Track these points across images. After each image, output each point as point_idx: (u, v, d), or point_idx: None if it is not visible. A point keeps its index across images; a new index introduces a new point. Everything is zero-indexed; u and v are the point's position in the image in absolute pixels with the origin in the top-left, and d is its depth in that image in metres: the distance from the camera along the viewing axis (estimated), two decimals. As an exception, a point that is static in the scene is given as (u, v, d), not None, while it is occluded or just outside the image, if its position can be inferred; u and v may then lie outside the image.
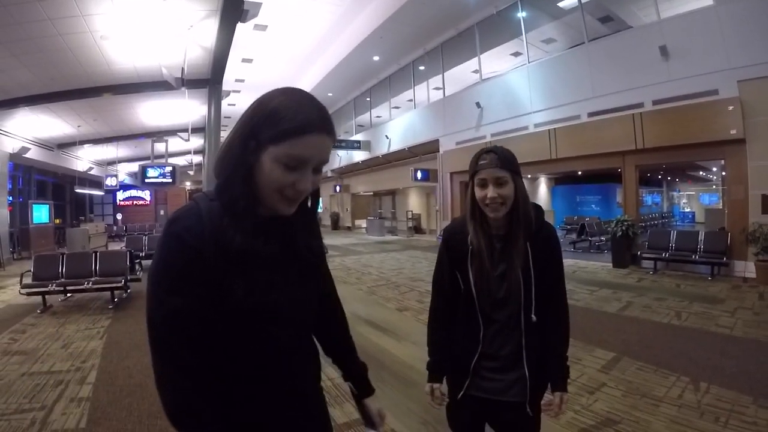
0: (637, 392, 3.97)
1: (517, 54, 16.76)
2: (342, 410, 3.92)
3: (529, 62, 14.57)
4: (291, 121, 1.04)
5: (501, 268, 1.85)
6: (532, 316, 1.84)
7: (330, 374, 3.72)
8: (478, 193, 1.83)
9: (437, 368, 2.00)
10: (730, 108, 9.36)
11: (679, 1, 11.55)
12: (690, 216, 29.31)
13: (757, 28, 9.03)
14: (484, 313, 1.88)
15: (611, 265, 11.33)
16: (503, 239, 1.87)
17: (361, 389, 1.52)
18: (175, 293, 1.04)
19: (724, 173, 11.12)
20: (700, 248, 9.77)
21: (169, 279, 1.05)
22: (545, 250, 1.88)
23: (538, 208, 1.95)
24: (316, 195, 1.28)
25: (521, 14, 14.52)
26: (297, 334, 1.26)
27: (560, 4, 13.95)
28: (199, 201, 1.12)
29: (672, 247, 10.23)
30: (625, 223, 11.08)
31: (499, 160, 1.79)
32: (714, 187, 27.18)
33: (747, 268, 9.28)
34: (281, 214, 1.14)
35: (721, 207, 17.11)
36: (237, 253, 1.07)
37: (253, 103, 1.14)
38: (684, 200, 31.79)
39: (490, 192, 1.78)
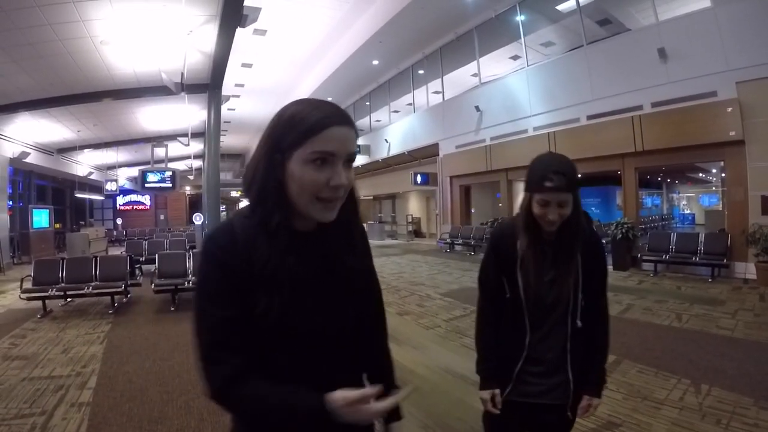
0: (638, 395, 3.97)
1: (516, 57, 16.77)
2: None
3: (528, 65, 14.60)
4: (309, 121, 1.06)
5: (551, 274, 1.84)
6: (578, 321, 1.86)
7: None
8: (537, 209, 1.78)
9: (492, 373, 1.97)
10: (729, 109, 9.37)
11: (677, 3, 11.57)
12: (690, 218, 29.29)
13: (755, 29, 9.05)
14: (532, 318, 1.89)
15: (611, 267, 11.28)
16: (553, 246, 1.86)
17: (391, 413, 1.38)
18: (214, 305, 1.08)
19: (723, 175, 11.14)
20: (701, 250, 9.76)
21: (208, 292, 1.10)
22: (592, 258, 1.89)
23: (586, 216, 1.94)
24: (354, 207, 1.25)
25: (520, 18, 14.54)
26: (331, 356, 1.22)
27: (559, 8, 13.97)
28: (233, 219, 1.15)
29: (672, 249, 10.22)
30: (625, 226, 11.07)
31: (567, 184, 1.71)
32: (714, 188, 27.17)
33: (747, 270, 9.28)
34: (323, 222, 1.13)
35: (721, 208, 17.10)
36: (267, 271, 1.08)
37: (272, 119, 1.16)
38: (684, 202, 31.76)
39: (551, 214, 1.73)
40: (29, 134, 17.36)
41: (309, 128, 1.05)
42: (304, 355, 1.16)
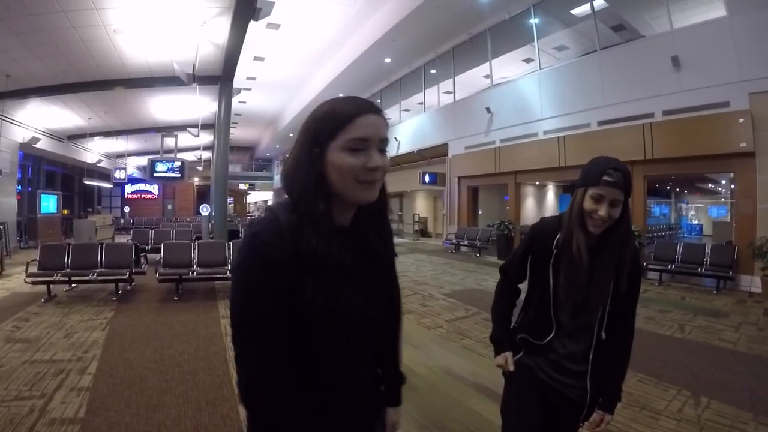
0: (636, 404, 3.95)
1: (528, 60, 16.73)
2: None
3: (540, 69, 14.54)
4: (341, 113, 1.16)
5: (584, 278, 1.84)
6: (603, 333, 1.88)
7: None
8: (589, 204, 1.80)
9: (506, 340, 2.05)
10: (741, 120, 9.30)
11: (692, 11, 11.51)
12: (698, 228, 29.14)
13: (771, 40, 8.98)
14: (558, 317, 1.92)
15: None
16: (594, 251, 1.86)
17: (390, 397, 1.55)
18: (252, 300, 1.14)
19: (733, 186, 11.06)
20: (707, 261, 9.69)
21: (247, 287, 1.15)
22: (628, 270, 1.88)
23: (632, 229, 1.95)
24: (384, 203, 1.34)
25: (534, 20, 14.48)
26: (367, 338, 1.34)
27: (573, 12, 13.92)
28: (278, 213, 1.19)
29: (678, 259, 10.15)
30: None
31: (624, 183, 1.76)
32: (723, 200, 27.03)
33: (753, 283, 9.21)
34: (367, 202, 1.22)
35: (729, 220, 17.00)
36: (315, 259, 1.15)
37: (306, 118, 1.23)
38: (692, 212, 31.61)
39: (603, 210, 1.75)
40: (40, 120, 17.47)
41: (342, 119, 1.15)
42: (347, 339, 1.26)
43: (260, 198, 51.82)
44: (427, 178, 19.49)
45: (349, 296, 1.21)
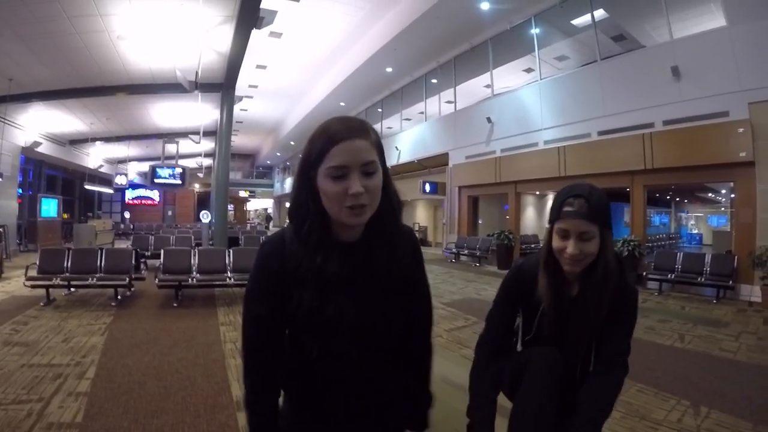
0: (636, 414, 3.94)
1: (529, 70, 16.80)
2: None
3: (541, 79, 14.59)
4: (322, 140, 1.19)
5: (556, 329, 1.68)
6: (582, 375, 1.68)
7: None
8: (557, 243, 1.61)
9: (486, 422, 1.68)
10: (740, 130, 9.32)
11: (692, 21, 11.56)
12: (697, 238, 29.15)
13: (770, 50, 9.02)
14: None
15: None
16: (575, 301, 1.68)
17: (415, 420, 1.53)
18: (257, 303, 1.30)
19: (733, 196, 11.07)
20: (707, 271, 9.68)
21: (253, 292, 1.32)
22: (616, 317, 1.67)
23: (620, 264, 1.70)
24: (394, 216, 1.36)
25: (534, 31, 14.55)
26: (363, 352, 1.32)
27: (574, 22, 13.98)
28: (286, 228, 1.34)
29: (678, 268, 10.14)
30: (632, 243, 11.03)
31: (589, 210, 1.53)
32: (722, 209, 27.04)
33: (753, 292, 9.20)
34: (356, 231, 1.29)
35: (729, 229, 16.99)
36: (300, 272, 1.24)
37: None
38: (692, 222, 31.61)
39: (571, 248, 1.55)
40: (42, 124, 17.53)
41: (322, 148, 1.19)
42: (338, 349, 1.28)
43: (260, 205, 51.87)
44: (427, 188, 19.53)
45: (340, 308, 1.25)
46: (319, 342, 1.26)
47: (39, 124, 17.38)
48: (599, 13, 12.93)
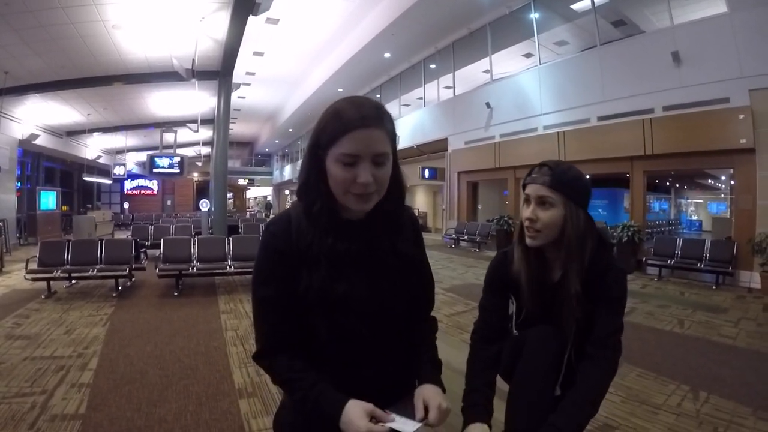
0: (636, 399, 3.96)
1: (529, 55, 16.69)
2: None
3: (540, 64, 14.52)
4: (337, 124, 1.17)
5: (537, 305, 1.65)
6: (557, 388, 1.58)
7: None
8: (522, 211, 1.62)
9: (480, 404, 1.60)
10: (741, 117, 9.29)
11: (693, 7, 11.47)
12: (697, 224, 29.09)
13: (772, 37, 8.97)
14: None
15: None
16: (559, 284, 1.62)
17: (425, 376, 1.40)
18: (263, 284, 1.29)
19: (732, 182, 11.07)
20: (706, 257, 9.68)
21: (259, 273, 1.31)
22: (604, 297, 1.57)
23: (602, 243, 1.64)
24: (400, 197, 1.37)
25: (534, 15, 14.45)
26: (375, 330, 1.32)
27: (573, 7, 13.87)
28: (291, 209, 1.35)
29: (677, 254, 10.15)
30: (631, 229, 11.04)
31: (551, 177, 1.53)
32: (722, 195, 26.99)
33: (752, 279, 9.22)
34: (361, 212, 1.26)
35: (728, 216, 17.00)
36: (311, 252, 1.25)
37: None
38: (692, 208, 31.58)
39: (528, 212, 1.56)
40: (39, 116, 17.46)
41: (333, 133, 1.17)
42: (350, 327, 1.28)
43: (260, 193, 51.84)
44: (426, 173, 19.52)
45: (352, 286, 1.27)
46: (330, 322, 1.26)
47: (36, 117, 17.31)
48: (599, -2, 12.83)
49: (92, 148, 25.14)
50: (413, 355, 1.47)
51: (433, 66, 19.80)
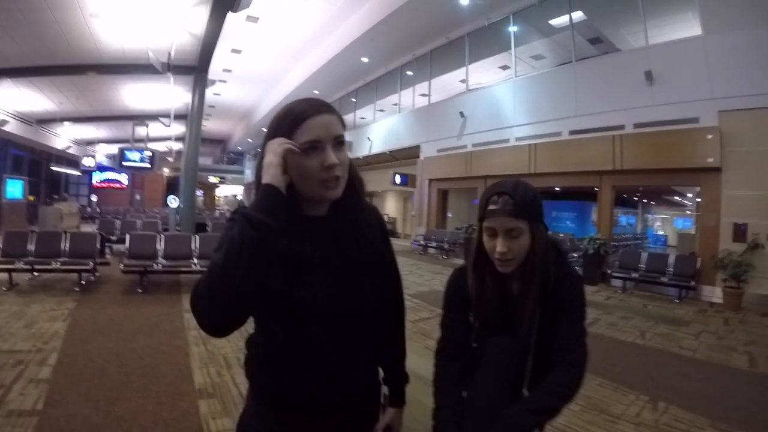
0: (595, 408, 4.02)
1: (505, 67, 16.88)
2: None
3: (516, 76, 14.69)
4: (291, 118, 1.20)
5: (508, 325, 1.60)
6: (524, 391, 1.53)
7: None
8: (487, 242, 1.55)
9: (449, 421, 1.55)
10: (709, 137, 9.53)
11: (669, 28, 11.74)
12: (663, 239, 29.65)
13: (742, 61, 9.20)
14: None
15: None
16: (517, 298, 1.59)
17: (394, 397, 1.54)
18: None
19: (698, 200, 11.33)
20: (670, 271, 9.91)
21: None
22: (562, 305, 1.56)
23: (558, 252, 1.63)
24: (355, 192, 1.36)
25: (512, 28, 14.61)
26: (338, 335, 1.29)
27: (551, 22, 14.07)
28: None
29: (642, 267, 10.35)
30: (597, 242, 11.22)
31: (514, 207, 1.47)
32: (688, 212, 27.56)
33: (714, 293, 9.45)
34: (333, 202, 1.28)
35: (693, 232, 17.39)
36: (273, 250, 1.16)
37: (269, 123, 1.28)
38: (658, 223, 32.18)
39: (499, 246, 1.49)
40: (9, 102, 17.10)
41: (292, 124, 1.19)
42: (309, 330, 1.24)
43: (230, 192, 51.36)
44: (398, 179, 19.60)
45: (312, 288, 1.23)
46: (287, 326, 1.23)
47: (6, 102, 16.95)
48: (577, 15, 13.04)
49: (62, 137, 24.66)
50: (382, 362, 1.49)
51: (410, 73, 19.87)
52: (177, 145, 26.52)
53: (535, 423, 1.36)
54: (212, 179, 43.46)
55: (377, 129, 22.04)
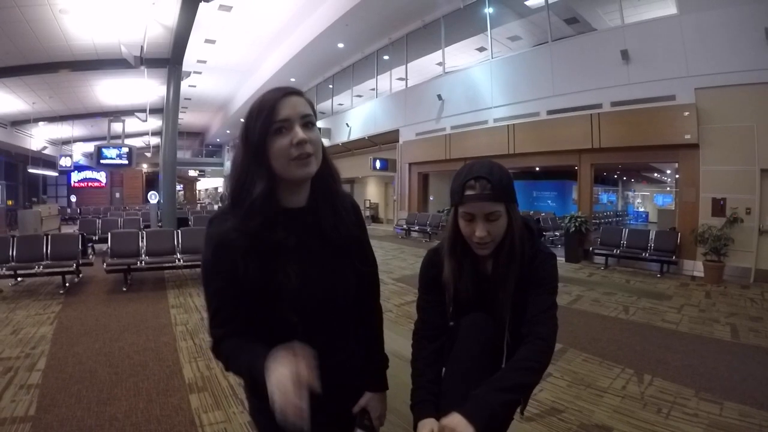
0: (582, 383, 4.10)
1: (482, 49, 16.85)
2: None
3: (492, 58, 14.69)
4: (262, 105, 1.26)
5: (483, 303, 1.64)
6: (503, 366, 1.55)
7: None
8: (464, 227, 1.56)
9: (428, 400, 1.55)
10: (686, 114, 9.65)
11: (644, 7, 11.78)
12: (644, 216, 29.99)
13: (718, 39, 9.30)
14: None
15: (563, 259, 11.59)
16: (491, 278, 1.63)
17: (372, 381, 1.58)
18: (207, 277, 1.30)
19: (677, 176, 11.49)
20: (651, 246, 10.07)
21: (205, 270, 1.31)
22: (534, 280, 1.58)
23: (529, 230, 1.65)
24: (332, 180, 1.41)
25: (488, 10, 14.61)
26: (315, 321, 1.33)
27: (527, 3, 14.09)
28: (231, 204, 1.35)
29: (623, 244, 10.51)
30: (579, 220, 11.34)
31: (492, 191, 1.47)
32: (668, 188, 27.87)
33: (695, 267, 9.64)
34: (307, 177, 1.30)
35: (673, 208, 17.63)
36: (248, 241, 1.24)
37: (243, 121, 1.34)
38: (638, 200, 32.51)
39: (479, 230, 1.50)
40: (-19, 106, 16.77)
41: (267, 109, 1.24)
42: (286, 316, 1.27)
43: (211, 185, 50.96)
44: (378, 164, 19.59)
45: (288, 275, 1.26)
46: (263, 314, 1.28)
47: (-23, 105, 16.63)
48: (552, -5, 13.04)
49: (37, 138, 24.22)
50: (360, 348, 1.52)
51: (386, 57, 19.79)
52: (155, 140, 26.20)
53: (504, 401, 1.32)
54: (192, 173, 43.03)
55: (355, 115, 21.96)
